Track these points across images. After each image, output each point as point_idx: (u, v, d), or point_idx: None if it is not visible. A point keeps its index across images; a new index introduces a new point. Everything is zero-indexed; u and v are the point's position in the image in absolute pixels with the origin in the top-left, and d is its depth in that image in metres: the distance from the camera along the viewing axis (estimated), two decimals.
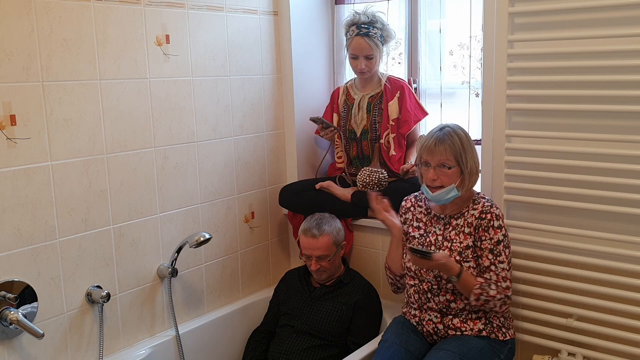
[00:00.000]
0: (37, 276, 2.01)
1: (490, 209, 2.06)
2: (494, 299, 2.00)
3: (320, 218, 2.51)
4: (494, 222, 2.04)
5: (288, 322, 2.53)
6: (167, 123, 2.38)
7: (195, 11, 2.44)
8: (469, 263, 2.04)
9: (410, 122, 2.63)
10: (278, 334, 2.55)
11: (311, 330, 2.45)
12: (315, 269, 2.47)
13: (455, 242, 2.07)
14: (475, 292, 1.99)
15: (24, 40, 1.92)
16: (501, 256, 2.03)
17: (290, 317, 2.54)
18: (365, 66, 2.64)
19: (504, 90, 2.23)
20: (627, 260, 2.07)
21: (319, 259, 2.45)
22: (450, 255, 2.04)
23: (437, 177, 2.04)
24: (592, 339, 2.17)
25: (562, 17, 2.13)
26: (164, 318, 2.45)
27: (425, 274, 2.09)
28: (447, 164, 2.03)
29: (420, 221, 2.20)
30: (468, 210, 2.09)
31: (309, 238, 2.46)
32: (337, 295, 2.51)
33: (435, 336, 2.12)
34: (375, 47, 2.62)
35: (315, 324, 2.46)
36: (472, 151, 2.08)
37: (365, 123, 2.71)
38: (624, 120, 2.07)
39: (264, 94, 2.81)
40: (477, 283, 2.00)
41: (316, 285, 2.58)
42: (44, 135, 1.99)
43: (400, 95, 2.66)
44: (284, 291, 2.64)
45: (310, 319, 2.48)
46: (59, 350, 2.11)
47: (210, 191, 2.60)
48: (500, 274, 2.02)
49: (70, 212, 2.09)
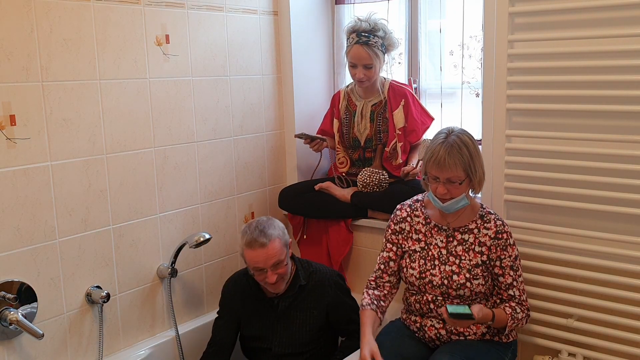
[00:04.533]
0: (36, 276, 2.01)
1: (504, 227, 2.05)
2: (521, 320, 2.04)
3: (260, 224, 2.17)
4: (510, 240, 2.04)
5: (262, 346, 2.29)
6: (167, 123, 2.38)
7: (195, 11, 2.44)
8: (478, 280, 2.02)
9: (419, 131, 2.62)
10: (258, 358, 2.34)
11: (291, 349, 2.25)
12: (274, 281, 2.14)
13: (464, 259, 2.04)
14: (509, 325, 2.01)
15: (24, 40, 1.92)
16: (519, 271, 2.06)
17: (262, 340, 2.29)
18: (364, 75, 2.58)
19: (504, 90, 2.22)
20: (627, 261, 2.07)
21: (274, 267, 2.13)
22: (459, 272, 2.02)
23: (447, 191, 1.97)
24: (592, 340, 2.17)
25: (562, 17, 2.13)
26: (164, 318, 2.45)
27: (431, 289, 2.05)
28: (457, 178, 1.96)
29: (420, 232, 2.11)
30: (478, 228, 2.05)
31: (257, 249, 2.10)
32: (302, 301, 2.26)
33: (438, 342, 2.09)
34: (374, 57, 2.55)
35: (293, 341, 2.25)
36: (479, 157, 2.00)
37: (369, 132, 2.70)
38: (624, 120, 2.07)
39: (263, 94, 2.80)
40: (508, 315, 2.01)
41: (272, 296, 2.26)
42: (43, 135, 1.99)
43: (405, 103, 2.63)
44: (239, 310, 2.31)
45: (286, 338, 2.26)
46: (58, 350, 2.10)
47: (210, 191, 2.60)
48: (520, 287, 2.05)
49: (70, 212, 2.09)
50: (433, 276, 2.04)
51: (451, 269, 2.03)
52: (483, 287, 2.03)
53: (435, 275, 2.04)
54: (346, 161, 2.81)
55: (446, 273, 2.03)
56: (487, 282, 2.03)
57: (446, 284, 2.02)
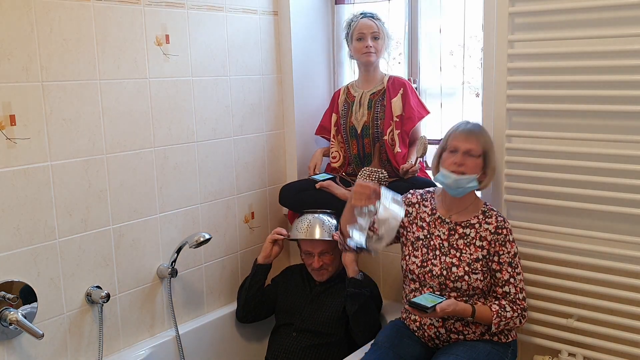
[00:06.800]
0: (36, 276, 2.01)
1: (505, 224, 2.08)
2: (512, 319, 2.02)
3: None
4: (509, 236, 2.06)
5: (288, 321, 2.52)
6: (167, 123, 2.38)
7: (195, 11, 2.44)
8: (477, 275, 2.03)
9: (414, 118, 2.62)
10: (278, 333, 2.55)
11: (312, 327, 2.45)
12: (318, 266, 2.48)
13: (464, 252, 2.06)
14: (494, 322, 2.00)
15: (24, 40, 1.91)
16: (518, 268, 2.06)
17: (289, 315, 2.53)
18: (373, 46, 2.60)
19: (504, 90, 2.22)
20: (627, 261, 2.07)
21: (321, 254, 2.47)
22: (459, 265, 2.04)
23: (463, 162, 2.03)
24: (592, 340, 2.17)
25: (562, 17, 2.13)
26: (164, 318, 2.45)
27: (430, 279, 2.07)
28: (476, 152, 2.04)
29: (424, 221, 2.17)
30: (480, 223, 2.08)
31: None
32: (337, 290, 2.51)
33: (437, 340, 2.10)
34: (381, 28, 2.61)
35: (316, 321, 2.46)
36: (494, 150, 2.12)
37: (366, 119, 2.70)
38: (624, 120, 2.07)
39: (263, 94, 2.80)
40: (494, 313, 2.00)
41: (317, 283, 2.57)
42: (43, 135, 1.99)
43: (403, 92, 2.64)
44: (283, 286, 2.64)
45: (311, 317, 2.48)
46: (58, 350, 2.10)
47: (210, 191, 2.59)
48: (518, 285, 2.05)
49: (69, 212, 2.09)
50: (434, 266, 2.07)
51: (451, 261, 2.05)
52: (481, 283, 2.03)
53: (435, 265, 2.07)
54: (339, 156, 2.80)
55: (446, 264, 2.05)
56: (485, 279, 2.04)
57: (445, 275, 2.04)
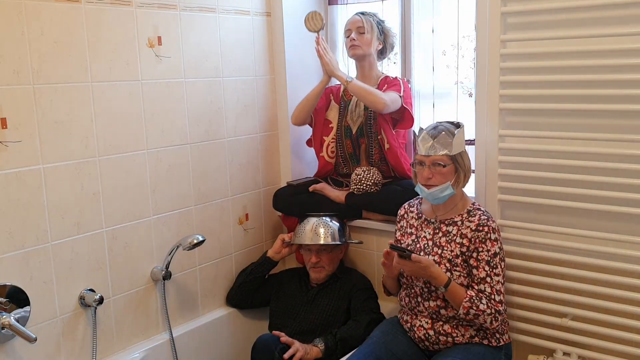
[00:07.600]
0: (29, 280, 2.00)
1: (487, 222, 2.05)
2: (483, 313, 1.97)
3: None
4: (491, 235, 2.03)
5: (282, 323, 2.52)
6: (160, 125, 2.37)
7: (188, 12, 2.43)
8: (458, 272, 2.03)
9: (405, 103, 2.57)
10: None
11: (308, 327, 2.46)
12: (315, 262, 2.51)
13: (445, 249, 2.06)
14: (464, 305, 1.96)
15: (15, 42, 1.90)
16: (497, 269, 2.02)
17: (284, 318, 2.54)
18: (357, 39, 2.60)
19: (497, 90, 2.23)
20: (621, 260, 2.07)
21: (319, 251, 2.51)
22: (440, 262, 2.04)
23: (432, 176, 2.04)
24: (587, 339, 2.17)
25: (554, 16, 2.13)
26: (158, 321, 2.44)
27: (416, 279, 2.08)
28: (443, 161, 2.04)
29: (412, 226, 2.19)
30: (462, 221, 2.08)
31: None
32: (331, 290, 2.54)
33: (427, 342, 2.09)
34: (368, 25, 2.60)
35: (312, 322, 2.47)
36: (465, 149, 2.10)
37: (362, 120, 2.70)
38: (617, 119, 2.07)
39: (257, 96, 2.80)
40: (467, 296, 1.97)
41: (313, 285, 2.59)
42: (35, 138, 1.98)
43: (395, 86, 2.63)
44: (278, 287, 2.66)
45: (307, 318, 2.50)
46: (52, 354, 2.09)
47: (203, 193, 2.59)
48: (495, 286, 2.00)
49: (62, 216, 2.08)
50: None
51: (433, 259, 2.04)
52: (465, 279, 2.03)
53: None
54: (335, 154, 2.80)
55: None
56: (467, 276, 2.04)
57: None
